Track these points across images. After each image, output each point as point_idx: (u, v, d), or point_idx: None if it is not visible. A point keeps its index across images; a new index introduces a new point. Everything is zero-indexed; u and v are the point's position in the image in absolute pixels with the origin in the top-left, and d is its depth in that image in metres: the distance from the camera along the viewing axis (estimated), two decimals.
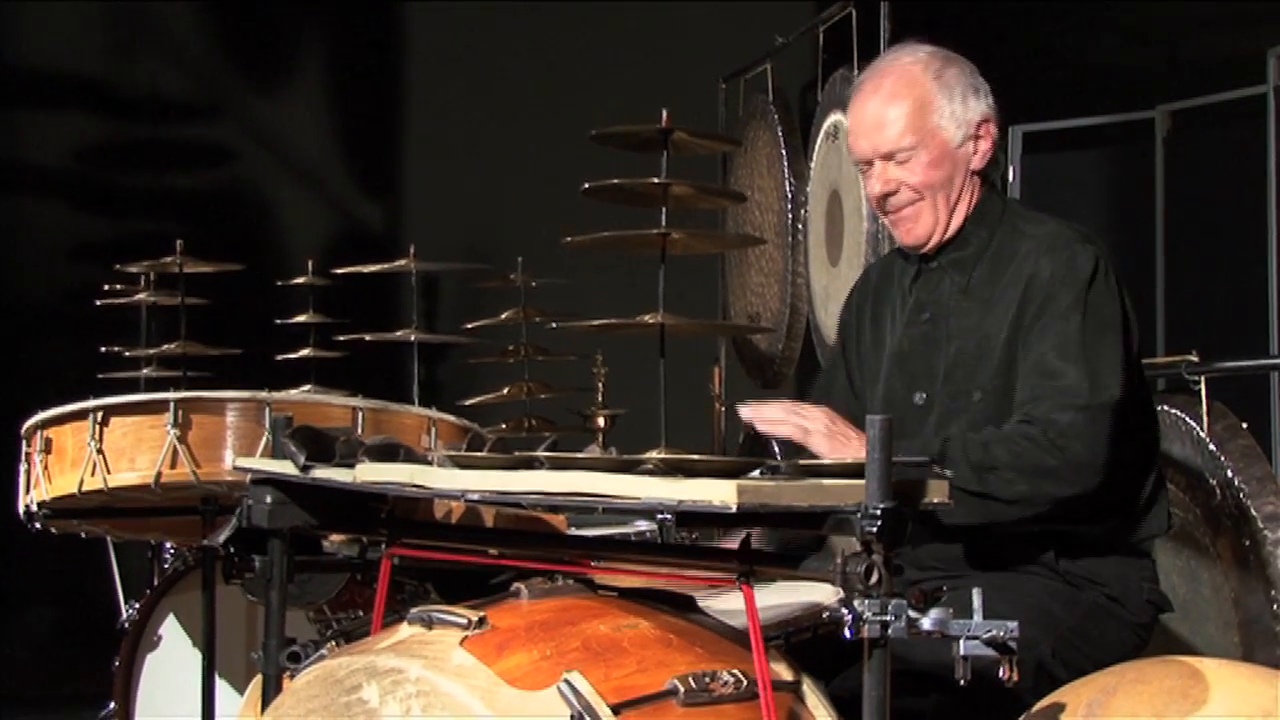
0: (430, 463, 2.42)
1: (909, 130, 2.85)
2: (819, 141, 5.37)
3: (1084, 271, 2.74)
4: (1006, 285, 2.81)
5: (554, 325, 4.94)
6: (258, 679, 2.82)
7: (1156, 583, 2.87)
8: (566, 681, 2.05)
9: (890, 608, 1.95)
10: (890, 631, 1.95)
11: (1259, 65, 5.48)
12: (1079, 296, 2.73)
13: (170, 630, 4.47)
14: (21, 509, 3.82)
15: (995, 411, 2.77)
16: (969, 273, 2.87)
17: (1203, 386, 3.36)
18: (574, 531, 3.56)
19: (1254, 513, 3.27)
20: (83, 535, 4.22)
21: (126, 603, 4.84)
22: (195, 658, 4.13)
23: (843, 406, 3.08)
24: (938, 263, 2.92)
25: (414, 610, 2.27)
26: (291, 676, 2.47)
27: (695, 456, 2.09)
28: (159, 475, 3.57)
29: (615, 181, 3.43)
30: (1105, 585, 2.78)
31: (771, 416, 2.76)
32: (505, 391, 5.20)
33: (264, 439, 3.51)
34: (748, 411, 2.79)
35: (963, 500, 2.59)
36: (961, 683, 2.00)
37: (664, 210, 3.38)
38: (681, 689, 2.08)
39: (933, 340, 2.89)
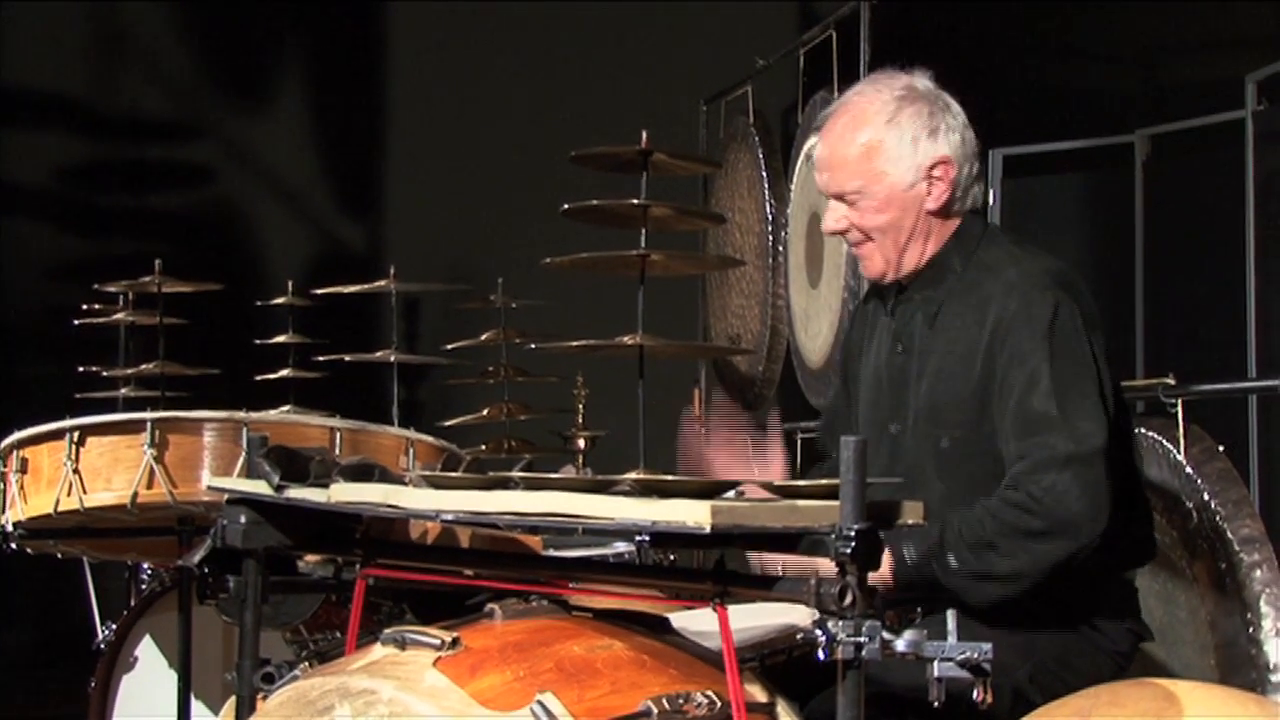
0: (405, 483, 2.42)
1: (855, 174, 2.85)
2: (799, 164, 5.38)
3: (1041, 320, 2.71)
4: (973, 327, 2.79)
5: (534, 346, 4.94)
6: (232, 700, 2.81)
7: (1138, 611, 2.86)
8: (539, 703, 2.05)
9: (864, 629, 1.94)
10: (864, 653, 1.94)
11: (1237, 90, 5.50)
12: (1038, 346, 2.70)
13: (146, 651, 4.46)
14: None
15: (963, 458, 2.77)
16: (937, 307, 2.87)
17: (1180, 409, 3.36)
18: (549, 553, 3.55)
19: (1230, 535, 3.27)
20: (59, 556, 4.21)
21: (103, 624, 4.82)
22: (171, 679, 4.11)
23: (844, 427, 3.10)
24: (911, 295, 2.92)
25: (387, 631, 2.27)
26: (265, 697, 2.46)
27: (670, 477, 2.09)
28: (135, 495, 3.56)
29: (595, 203, 3.44)
30: (1086, 613, 2.78)
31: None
32: (485, 412, 5.20)
33: (241, 459, 3.50)
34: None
35: (970, 584, 2.61)
36: (935, 705, 2.00)
37: (644, 231, 3.39)
38: (655, 710, 2.08)
39: (905, 374, 2.89)
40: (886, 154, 2.83)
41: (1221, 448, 3.38)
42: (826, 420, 3.25)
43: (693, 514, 1.96)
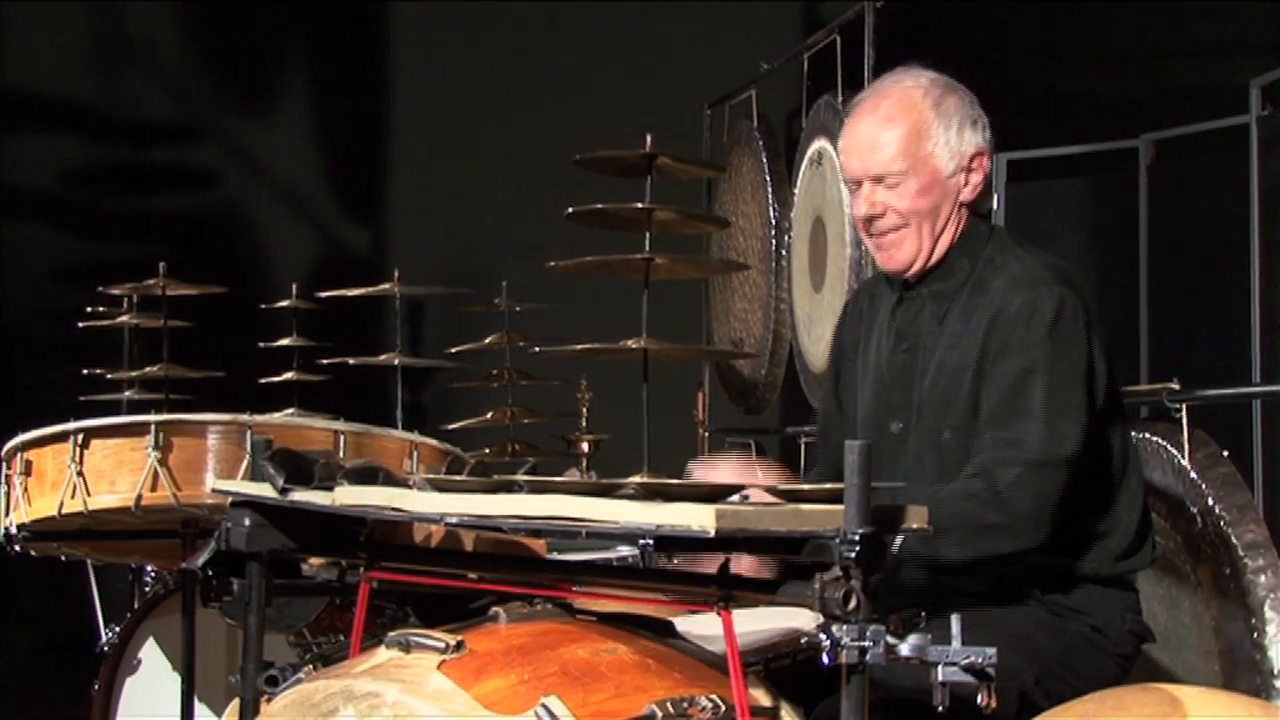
0: (409, 486, 2.42)
1: (901, 155, 2.84)
2: (803, 168, 5.38)
3: (1045, 315, 2.72)
4: (976, 321, 2.79)
5: (537, 350, 4.93)
6: (236, 702, 2.81)
7: (1139, 613, 2.87)
8: (544, 706, 2.05)
9: (869, 633, 1.94)
10: (868, 657, 1.94)
11: (1242, 95, 5.51)
12: (1040, 341, 2.71)
13: (150, 654, 4.46)
14: (0, 531, 3.81)
15: (964, 450, 2.77)
16: (946, 304, 2.87)
17: (1184, 414, 3.36)
18: (553, 556, 3.55)
19: (1234, 540, 3.27)
20: (62, 558, 4.21)
21: (106, 626, 4.82)
22: (175, 681, 4.12)
23: (838, 429, 3.09)
24: (919, 292, 2.92)
25: (391, 634, 2.27)
26: (269, 700, 2.46)
27: (674, 481, 2.09)
28: (139, 498, 3.57)
29: (599, 206, 3.43)
30: (1088, 615, 2.78)
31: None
32: (489, 416, 5.19)
33: (245, 462, 3.50)
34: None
35: (910, 570, 2.60)
36: (940, 709, 2.00)
37: (648, 235, 3.38)
38: (659, 714, 2.08)
39: (910, 371, 2.89)
40: (934, 137, 2.84)
41: (1226, 453, 3.38)
42: (822, 425, 3.23)
43: (697, 518, 1.96)
